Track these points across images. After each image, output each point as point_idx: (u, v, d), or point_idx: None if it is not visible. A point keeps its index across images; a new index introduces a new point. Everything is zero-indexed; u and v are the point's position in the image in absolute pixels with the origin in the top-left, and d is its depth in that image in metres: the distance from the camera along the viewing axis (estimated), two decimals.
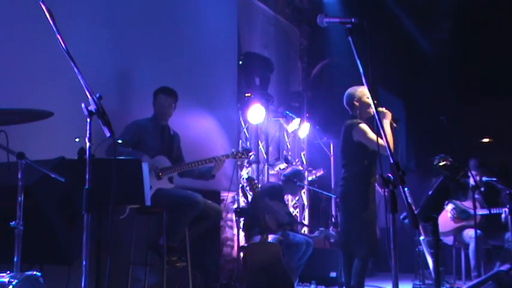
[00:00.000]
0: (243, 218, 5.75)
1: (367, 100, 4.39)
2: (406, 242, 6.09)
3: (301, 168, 7.32)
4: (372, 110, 4.26)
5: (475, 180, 5.55)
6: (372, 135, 4.19)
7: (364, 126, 4.26)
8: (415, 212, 2.80)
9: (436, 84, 8.53)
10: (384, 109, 4.33)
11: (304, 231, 7.24)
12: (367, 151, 4.21)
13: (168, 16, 5.26)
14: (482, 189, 6.03)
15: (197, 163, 4.50)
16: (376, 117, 2.44)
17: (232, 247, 6.42)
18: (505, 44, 7.87)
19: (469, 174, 5.58)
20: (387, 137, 4.21)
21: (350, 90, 4.43)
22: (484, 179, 6.06)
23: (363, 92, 4.40)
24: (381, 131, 2.40)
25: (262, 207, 5.11)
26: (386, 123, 4.28)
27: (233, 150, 4.78)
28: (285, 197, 6.75)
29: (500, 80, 8.35)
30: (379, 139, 4.19)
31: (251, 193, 5.53)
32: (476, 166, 6.25)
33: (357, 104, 4.35)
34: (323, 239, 6.81)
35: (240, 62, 6.50)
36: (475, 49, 8.14)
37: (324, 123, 8.25)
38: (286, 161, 7.45)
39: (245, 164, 6.51)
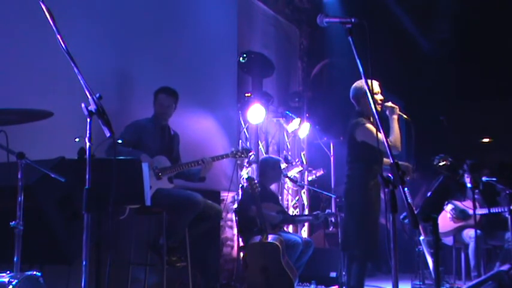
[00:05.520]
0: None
1: (374, 96, 4.28)
2: (406, 242, 6.09)
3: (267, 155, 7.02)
4: (379, 106, 4.19)
5: (471, 181, 5.53)
6: (378, 136, 4.09)
7: (369, 126, 4.09)
8: (415, 212, 2.79)
9: (435, 84, 8.52)
10: (390, 103, 4.16)
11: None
12: (373, 150, 3.98)
13: (168, 16, 5.26)
14: (481, 187, 6.01)
15: (187, 165, 4.45)
16: (376, 116, 2.43)
17: (232, 247, 6.42)
18: (505, 43, 7.87)
19: (465, 175, 5.56)
20: (395, 135, 4.14)
21: (357, 84, 4.26)
22: (484, 179, 6.05)
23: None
24: (378, 128, 2.39)
25: (254, 217, 5.07)
26: (395, 119, 4.12)
27: (233, 149, 4.78)
28: (285, 191, 6.61)
29: (500, 80, 8.35)
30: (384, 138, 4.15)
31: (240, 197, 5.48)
32: (468, 169, 6.17)
33: (363, 99, 4.17)
34: (323, 222, 6.73)
35: (241, 59, 6.48)
36: (475, 49, 8.14)
37: (324, 123, 8.26)
38: (286, 161, 7.43)
39: (245, 164, 6.51)
